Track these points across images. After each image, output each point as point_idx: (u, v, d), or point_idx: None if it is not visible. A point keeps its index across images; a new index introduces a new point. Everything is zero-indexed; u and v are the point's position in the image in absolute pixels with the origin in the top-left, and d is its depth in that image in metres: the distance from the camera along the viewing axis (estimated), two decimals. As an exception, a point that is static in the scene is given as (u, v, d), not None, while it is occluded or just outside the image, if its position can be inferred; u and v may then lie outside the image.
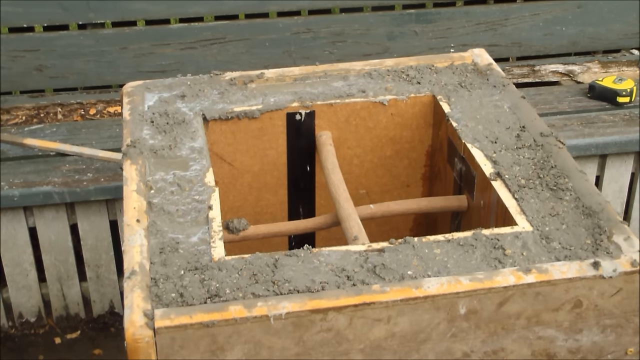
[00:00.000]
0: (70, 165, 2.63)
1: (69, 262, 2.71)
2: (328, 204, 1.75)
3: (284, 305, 1.21)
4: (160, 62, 2.99)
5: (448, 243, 1.35)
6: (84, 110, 3.01)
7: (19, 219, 2.59)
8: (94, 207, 2.60)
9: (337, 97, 1.76)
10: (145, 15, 2.98)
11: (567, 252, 1.33)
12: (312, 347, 1.24)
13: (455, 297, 1.25)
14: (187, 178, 1.49)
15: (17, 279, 2.71)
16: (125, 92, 1.76)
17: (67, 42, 2.94)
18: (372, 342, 1.26)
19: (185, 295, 1.23)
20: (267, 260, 1.31)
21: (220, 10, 3.00)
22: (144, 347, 1.18)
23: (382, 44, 3.07)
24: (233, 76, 1.81)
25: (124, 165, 1.52)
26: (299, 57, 3.03)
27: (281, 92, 1.78)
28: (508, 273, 1.28)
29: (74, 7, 2.87)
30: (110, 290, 2.78)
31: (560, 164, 1.54)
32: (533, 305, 1.28)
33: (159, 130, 1.63)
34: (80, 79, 3.00)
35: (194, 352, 1.20)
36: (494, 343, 1.30)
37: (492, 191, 1.52)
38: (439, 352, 1.29)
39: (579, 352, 1.34)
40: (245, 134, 1.75)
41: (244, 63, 3.00)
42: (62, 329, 2.80)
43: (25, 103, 3.00)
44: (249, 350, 1.22)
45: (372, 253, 1.33)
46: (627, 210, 2.96)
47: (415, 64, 1.86)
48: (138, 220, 1.38)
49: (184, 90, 1.76)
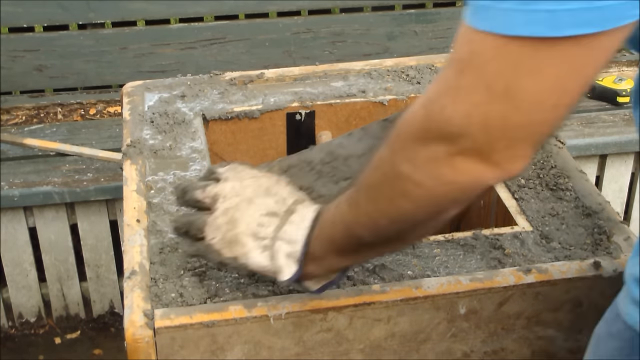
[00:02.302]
0: (70, 165, 2.63)
1: (69, 262, 2.71)
2: (328, 204, 1.75)
3: (284, 305, 1.21)
4: (160, 62, 2.99)
5: (448, 243, 1.35)
6: (84, 110, 3.01)
7: (19, 219, 2.59)
8: (94, 207, 2.60)
9: (337, 97, 1.76)
10: (145, 15, 2.99)
11: (567, 252, 1.33)
12: (312, 347, 1.24)
13: (455, 297, 1.25)
14: (188, 178, 1.49)
15: (17, 279, 2.71)
16: (125, 92, 1.76)
17: (67, 42, 2.94)
18: (372, 342, 1.26)
19: (185, 295, 1.23)
20: (267, 260, 1.31)
21: (220, 10, 3.00)
22: (144, 347, 1.18)
23: (382, 44, 3.07)
24: (233, 76, 1.81)
25: (124, 165, 1.52)
26: (299, 57, 3.03)
27: (281, 92, 1.78)
28: (508, 273, 1.28)
29: (74, 7, 2.87)
30: (110, 290, 2.79)
31: (560, 164, 1.54)
32: (533, 305, 1.28)
33: (159, 130, 1.63)
34: (80, 79, 3.00)
35: (194, 352, 1.20)
36: (494, 343, 1.30)
37: (492, 191, 1.52)
38: (439, 352, 1.29)
39: (579, 352, 1.34)
40: (245, 134, 1.75)
41: (244, 63, 3.00)
42: (62, 329, 2.80)
43: (25, 103, 3.00)
44: (249, 350, 1.22)
45: (372, 253, 1.33)
46: (627, 210, 2.96)
47: (415, 64, 1.86)
48: (138, 220, 1.38)
49: (184, 90, 1.76)
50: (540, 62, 0.81)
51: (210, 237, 1.10)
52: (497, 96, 0.82)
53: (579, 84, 0.84)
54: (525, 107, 0.83)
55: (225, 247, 1.09)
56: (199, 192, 1.12)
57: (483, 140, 0.84)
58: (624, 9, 0.80)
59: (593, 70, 0.84)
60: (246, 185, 1.11)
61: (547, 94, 0.83)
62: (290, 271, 1.07)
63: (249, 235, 1.08)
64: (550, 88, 0.82)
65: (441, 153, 0.86)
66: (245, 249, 1.08)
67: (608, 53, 0.83)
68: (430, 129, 0.87)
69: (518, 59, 0.82)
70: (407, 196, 0.91)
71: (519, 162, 0.87)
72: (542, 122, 0.85)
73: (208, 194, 1.12)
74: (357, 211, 0.99)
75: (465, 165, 0.86)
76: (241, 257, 1.08)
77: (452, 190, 0.89)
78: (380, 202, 0.95)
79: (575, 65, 0.82)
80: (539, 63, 0.81)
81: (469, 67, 0.84)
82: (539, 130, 0.86)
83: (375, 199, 0.95)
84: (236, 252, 1.08)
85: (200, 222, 1.12)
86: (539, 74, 0.82)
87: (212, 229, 1.10)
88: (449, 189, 0.88)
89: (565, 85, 0.83)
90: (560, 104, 0.84)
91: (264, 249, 1.07)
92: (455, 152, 0.85)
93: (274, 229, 1.07)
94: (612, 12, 0.80)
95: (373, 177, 0.96)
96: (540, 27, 0.80)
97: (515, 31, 0.80)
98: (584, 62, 0.82)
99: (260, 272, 1.11)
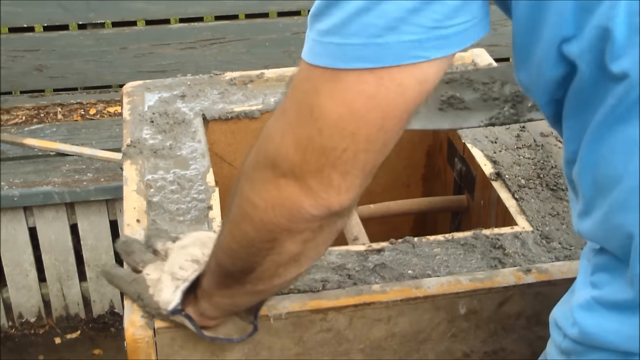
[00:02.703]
0: (70, 165, 2.63)
1: (69, 262, 2.71)
2: (328, 204, 1.75)
3: (284, 305, 1.21)
4: (160, 62, 2.99)
5: (448, 243, 1.35)
6: (84, 110, 3.02)
7: (19, 219, 2.59)
8: (94, 207, 2.60)
9: (337, 97, 1.76)
10: (145, 15, 2.99)
11: (567, 252, 1.33)
12: (312, 347, 1.24)
13: (455, 297, 1.25)
14: (188, 177, 1.49)
15: (17, 279, 2.71)
16: (125, 92, 1.76)
17: (67, 42, 2.94)
18: (372, 342, 1.26)
19: (185, 295, 1.23)
20: (267, 260, 1.31)
21: (220, 10, 3.00)
22: (144, 347, 1.18)
23: (382, 44, 3.07)
24: (233, 76, 1.81)
25: (124, 165, 1.52)
26: (299, 57, 3.02)
27: (281, 92, 1.78)
28: (508, 273, 1.27)
29: (74, 7, 2.87)
30: (110, 290, 2.79)
31: (561, 164, 1.54)
32: (533, 305, 1.28)
33: (159, 130, 1.63)
34: (80, 79, 3.01)
35: (194, 352, 1.20)
36: (494, 343, 1.30)
37: (492, 191, 1.52)
38: (439, 352, 1.29)
39: (579, 352, 1.34)
40: (245, 134, 1.75)
41: (244, 63, 3.00)
42: (62, 329, 2.80)
43: (25, 103, 3.00)
44: (249, 350, 1.22)
45: (372, 253, 1.33)
46: (627, 210, 2.95)
47: (415, 64, 1.86)
48: (138, 220, 1.38)
49: (184, 90, 1.76)
50: (334, 89, 0.85)
51: (145, 272, 1.20)
52: (304, 118, 0.87)
53: (379, 117, 0.85)
54: (327, 131, 0.86)
55: (152, 285, 1.17)
56: (160, 244, 1.23)
57: (296, 161, 0.88)
58: (403, 49, 0.82)
59: (394, 105, 0.85)
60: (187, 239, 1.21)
61: (345, 120, 0.85)
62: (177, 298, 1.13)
63: (168, 274, 1.15)
64: (347, 115, 0.85)
65: (269, 175, 0.91)
66: (162, 285, 1.15)
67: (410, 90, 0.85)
68: (260, 150, 0.93)
69: (318, 84, 0.86)
70: (247, 218, 0.95)
71: (335, 192, 0.89)
72: (346, 150, 0.87)
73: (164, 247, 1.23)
74: (220, 236, 1.06)
75: (287, 189, 0.90)
76: (157, 293, 1.16)
77: (280, 214, 0.92)
78: (232, 225, 1.00)
79: (368, 96, 0.84)
80: (333, 90, 0.85)
81: (289, 91, 0.90)
82: (346, 159, 0.87)
83: (230, 221, 1.01)
84: (155, 288, 1.16)
85: (147, 259, 1.22)
86: (334, 99, 0.85)
87: (151, 268, 1.20)
88: (277, 212, 0.92)
89: (362, 115, 0.85)
90: (360, 133, 0.86)
91: (175, 289, 1.14)
92: (280, 174, 0.90)
93: (189, 273, 1.14)
94: (390, 50, 0.82)
95: (230, 202, 1.01)
96: (330, 58, 0.84)
97: (314, 60, 0.86)
98: (377, 95, 0.84)
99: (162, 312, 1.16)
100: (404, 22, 0.82)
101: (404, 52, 0.82)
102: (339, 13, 0.83)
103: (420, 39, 0.82)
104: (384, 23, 0.82)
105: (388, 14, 0.81)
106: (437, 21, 0.82)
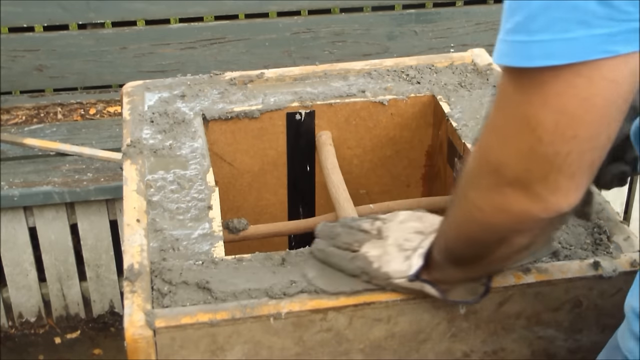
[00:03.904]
0: (70, 165, 2.63)
1: (69, 262, 2.71)
2: (328, 204, 1.75)
3: (284, 305, 1.21)
4: (160, 62, 2.99)
5: (448, 243, 1.35)
6: (84, 110, 3.02)
7: (19, 219, 2.59)
8: (94, 207, 2.60)
9: (337, 97, 1.76)
10: (145, 15, 2.98)
11: (567, 252, 1.33)
12: (312, 347, 1.24)
13: (455, 297, 1.25)
14: (187, 177, 1.49)
15: (17, 279, 2.71)
16: (125, 92, 1.76)
17: (67, 42, 2.94)
18: (372, 342, 1.26)
19: (185, 295, 1.23)
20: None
21: (220, 10, 3.00)
22: (144, 347, 1.18)
23: (382, 44, 3.07)
24: (233, 76, 1.81)
25: (124, 165, 1.52)
26: (299, 57, 3.03)
27: (281, 92, 1.78)
28: (508, 273, 1.27)
29: (74, 7, 2.87)
30: (110, 290, 2.79)
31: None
32: (533, 305, 1.28)
33: (159, 130, 1.63)
34: (80, 79, 3.01)
35: (194, 352, 1.20)
36: (494, 343, 1.30)
37: (492, 191, 1.51)
38: (439, 352, 1.29)
39: (579, 352, 1.34)
40: (245, 134, 1.75)
41: (244, 63, 3.00)
42: (62, 329, 2.80)
43: (25, 103, 3.00)
44: (249, 350, 1.22)
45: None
46: (627, 210, 2.96)
47: (415, 64, 1.86)
48: (138, 220, 1.38)
49: (184, 90, 1.76)
50: (546, 96, 0.85)
51: (364, 250, 1.23)
52: (522, 129, 0.87)
53: (592, 114, 0.85)
54: (547, 138, 0.86)
55: (375, 259, 1.21)
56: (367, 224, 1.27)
57: (520, 171, 0.90)
58: (593, 43, 0.82)
59: (603, 101, 0.84)
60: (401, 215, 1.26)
61: (563, 125, 0.85)
62: (418, 264, 1.16)
63: (394, 246, 1.20)
64: (564, 120, 0.85)
65: (493, 184, 0.93)
66: (389, 256, 1.20)
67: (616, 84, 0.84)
68: (481, 159, 0.95)
69: (529, 93, 0.86)
70: (474, 221, 0.99)
71: (563, 195, 0.90)
72: (570, 153, 0.87)
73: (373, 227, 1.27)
74: (446, 228, 1.11)
75: (514, 197, 0.92)
76: (384, 265, 1.19)
77: (508, 219, 0.94)
78: (457, 224, 1.05)
79: (582, 99, 0.84)
80: (545, 97, 0.85)
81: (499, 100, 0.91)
82: (571, 161, 0.87)
83: (454, 221, 1.06)
84: (381, 261, 1.20)
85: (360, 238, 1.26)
86: (547, 106, 0.85)
87: (369, 245, 1.24)
88: (504, 217, 0.94)
89: (579, 117, 0.85)
90: (581, 134, 0.86)
91: (405, 259, 1.18)
92: (504, 183, 0.92)
93: (417, 243, 1.18)
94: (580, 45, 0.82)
95: (453, 202, 1.05)
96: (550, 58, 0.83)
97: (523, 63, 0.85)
98: (589, 96, 0.84)
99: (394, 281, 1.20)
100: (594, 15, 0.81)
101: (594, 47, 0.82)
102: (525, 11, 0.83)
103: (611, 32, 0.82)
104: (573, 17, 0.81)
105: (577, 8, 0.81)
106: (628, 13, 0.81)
